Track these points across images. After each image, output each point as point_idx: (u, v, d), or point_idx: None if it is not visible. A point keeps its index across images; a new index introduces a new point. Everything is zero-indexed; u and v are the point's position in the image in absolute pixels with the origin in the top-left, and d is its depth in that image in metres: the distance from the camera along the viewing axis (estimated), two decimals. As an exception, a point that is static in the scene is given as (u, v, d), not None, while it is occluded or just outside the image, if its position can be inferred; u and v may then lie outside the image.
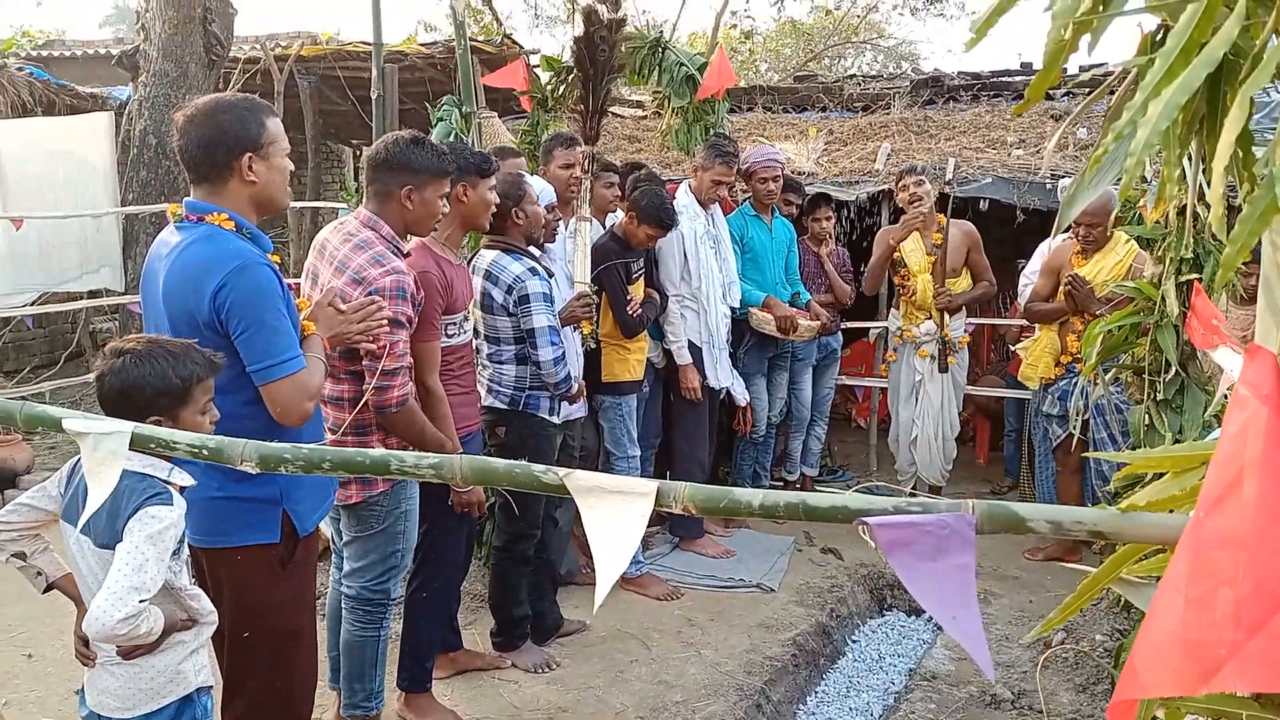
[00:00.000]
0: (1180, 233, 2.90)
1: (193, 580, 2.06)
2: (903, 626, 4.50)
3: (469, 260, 3.65)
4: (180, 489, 1.95)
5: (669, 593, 4.41)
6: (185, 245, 2.22)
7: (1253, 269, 3.21)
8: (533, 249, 3.63)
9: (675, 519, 4.98)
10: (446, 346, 3.17)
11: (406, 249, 2.92)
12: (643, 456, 4.48)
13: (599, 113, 4.02)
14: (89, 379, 2.05)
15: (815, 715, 3.78)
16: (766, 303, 4.92)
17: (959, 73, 8.52)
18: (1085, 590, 0.99)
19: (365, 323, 2.55)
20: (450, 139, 4.54)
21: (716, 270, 4.68)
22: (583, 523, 1.11)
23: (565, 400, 3.71)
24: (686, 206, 4.66)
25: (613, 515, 1.10)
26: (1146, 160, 0.87)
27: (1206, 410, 2.85)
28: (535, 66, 6.44)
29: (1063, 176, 5.84)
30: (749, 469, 5.36)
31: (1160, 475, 1.05)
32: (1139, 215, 3.08)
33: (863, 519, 0.95)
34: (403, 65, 8.32)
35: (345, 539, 2.99)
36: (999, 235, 6.60)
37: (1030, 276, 5.03)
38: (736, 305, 4.84)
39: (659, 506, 1.10)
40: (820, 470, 6.06)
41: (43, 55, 12.14)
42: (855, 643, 4.37)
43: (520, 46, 8.86)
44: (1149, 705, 1.02)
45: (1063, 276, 4.42)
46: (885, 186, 6.35)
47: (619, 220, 4.40)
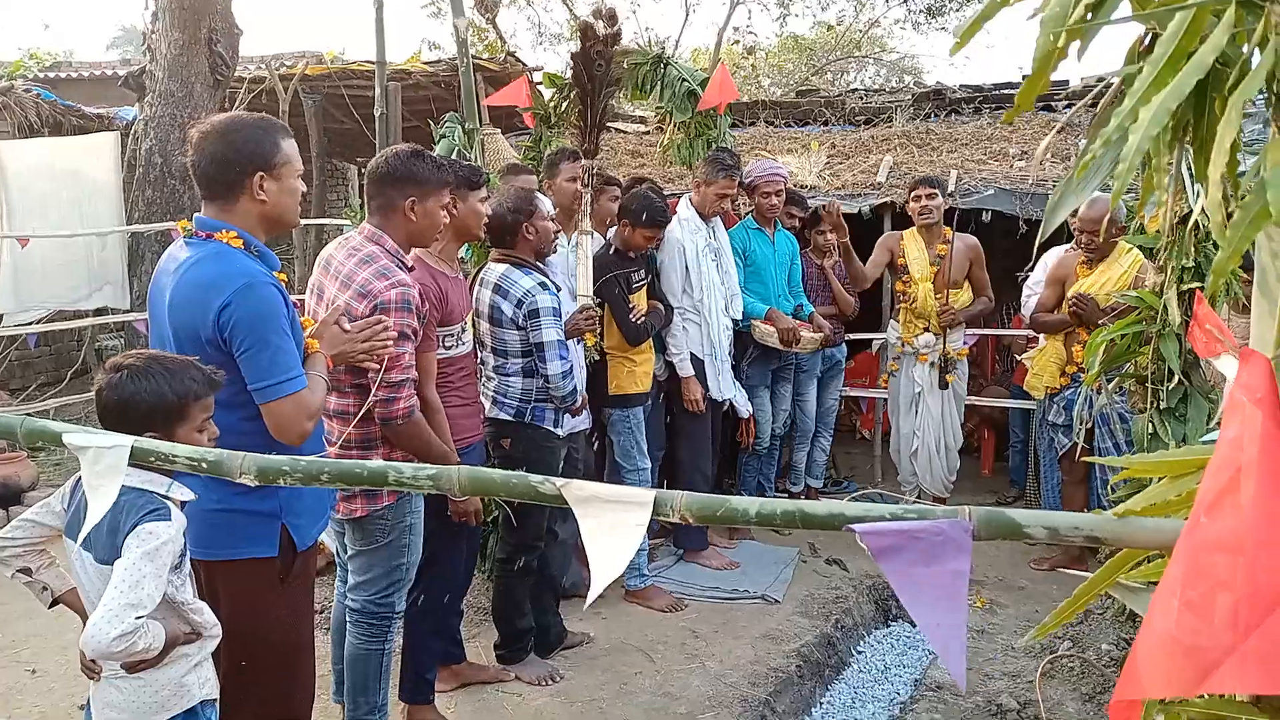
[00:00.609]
0: (1182, 242, 2.90)
1: (195, 593, 2.06)
2: (908, 637, 4.48)
3: (476, 273, 3.68)
4: (181, 504, 1.96)
5: (673, 604, 4.40)
6: (193, 262, 2.23)
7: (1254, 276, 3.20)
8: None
9: (679, 531, 4.97)
10: (445, 358, 3.19)
11: (410, 262, 2.93)
12: (648, 469, 4.49)
13: (597, 126, 4.05)
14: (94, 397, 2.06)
15: (821, 728, 3.77)
16: (769, 315, 4.93)
17: (961, 86, 8.54)
18: (1082, 594, 0.99)
19: (370, 342, 2.56)
20: (453, 155, 4.57)
21: (718, 282, 4.70)
22: (580, 532, 1.11)
23: (569, 413, 3.73)
24: (688, 219, 4.68)
25: (610, 525, 1.11)
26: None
27: (1210, 419, 2.85)
28: (538, 84, 6.47)
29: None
30: (753, 481, 5.35)
31: (1158, 480, 1.05)
32: (1141, 225, 3.08)
33: (852, 526, 0.95)
34: (407, 84, 8.35)
35: (350, 553, 3.00)
36: (1004, 246, 6.61)
37: (1034, 287, 5.03)
38: (739, 317, 4.85)
39: (657, 516, 1.10)
40: (825, 482, 6.05)
41: (50, 77, 12.26)
42: (860, 653, 4.35)
43: (523, 64, 8.90)
44: (1150, 709, 1.02)
45: (1068, 289, 4.43)
46: (888, 199, 6.37)
47: (615, 232, 4.43)
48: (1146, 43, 0.99)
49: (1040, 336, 4.90)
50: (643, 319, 4.29)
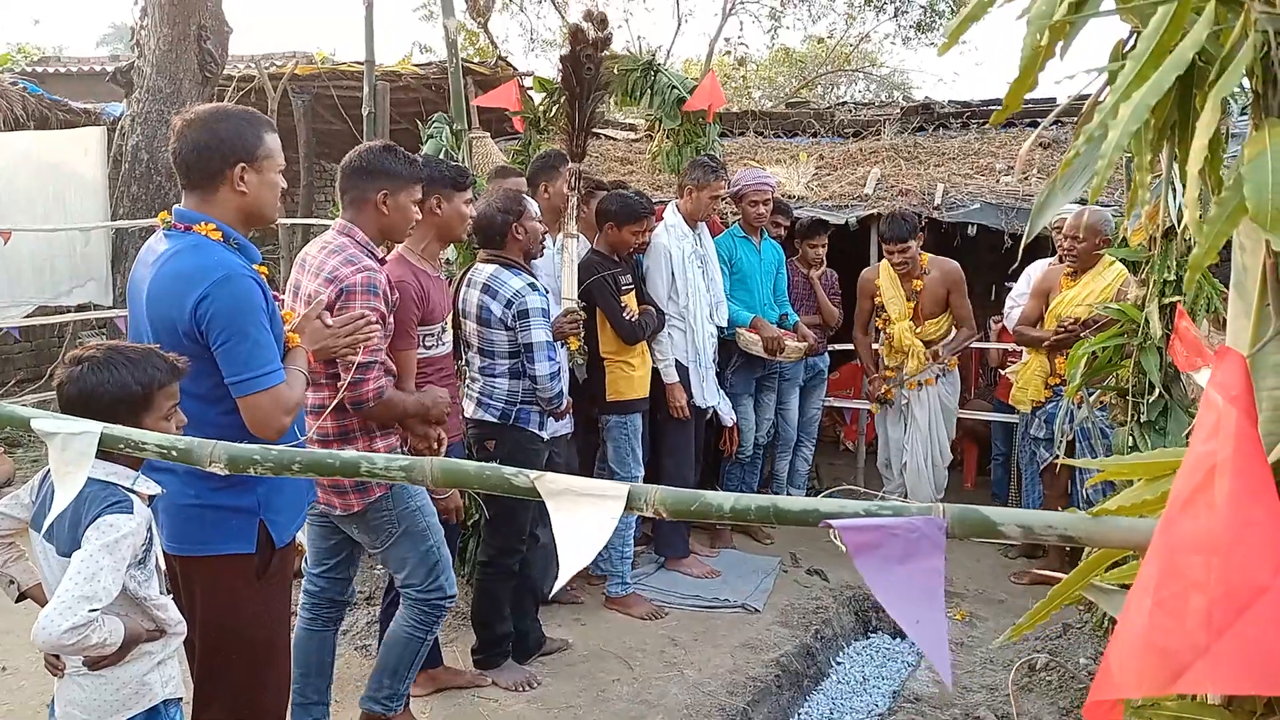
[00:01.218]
0: (1164, 255, 2.91)
1: (165, 590, 2.03)
2: (887, 649, 4.47)
3: (463, 274, 3.67)
4: (148, 498, 1.93)
5: (653, 612, 4.38)
6: (171, 254, 2.21)
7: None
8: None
9: (660, 539, 4.96)
10: (425, 358, 3.18)
11: (381, 254, 2.93)
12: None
13: (585, 131, 4.05)
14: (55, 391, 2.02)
15: (798, 737, 3.75)
16: (754, 323, 4.93)
17: (949, 101, 8.59)
18: (1056, 595, 0.99)
19: (353, 337, 2.54)
20: (441, 156, 4.56)
21: (703, 290, 4.69)
22: (550, 524, 1.10)
23: (553, 416, 3.72)
24: (674, 226, 4.68)
25: (584, 518, 1.09)
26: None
27: (1189, 433, 2.85)
28: (529, 88, 6.47)
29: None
30: (735, 490, 5.33)
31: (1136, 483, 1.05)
32: (1124, 239, 3.10)
33: (828, 521, 0.94)
34: (397, 85, 8.35)
35: (374, 553, 3.00)
36: (990, 261, 6.63)
37: (1017, 299, 5.04)
38: (724, 325, 4.84)
39: (631, 510, 1.09)
40: (808, 492, 6.04)
41: (38, 71, 12.19)
42: (839, 664, 4.34)
43: (514, 69, 8.91)
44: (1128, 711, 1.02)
45: (1051, 300, 4.44)
46: (874, 211, 6.39)
47: (599, 237, 4.42)
48: (1131, 41, 0.98)
49: (1023, 350, 4.91)
50: (636, 318, 4.29)
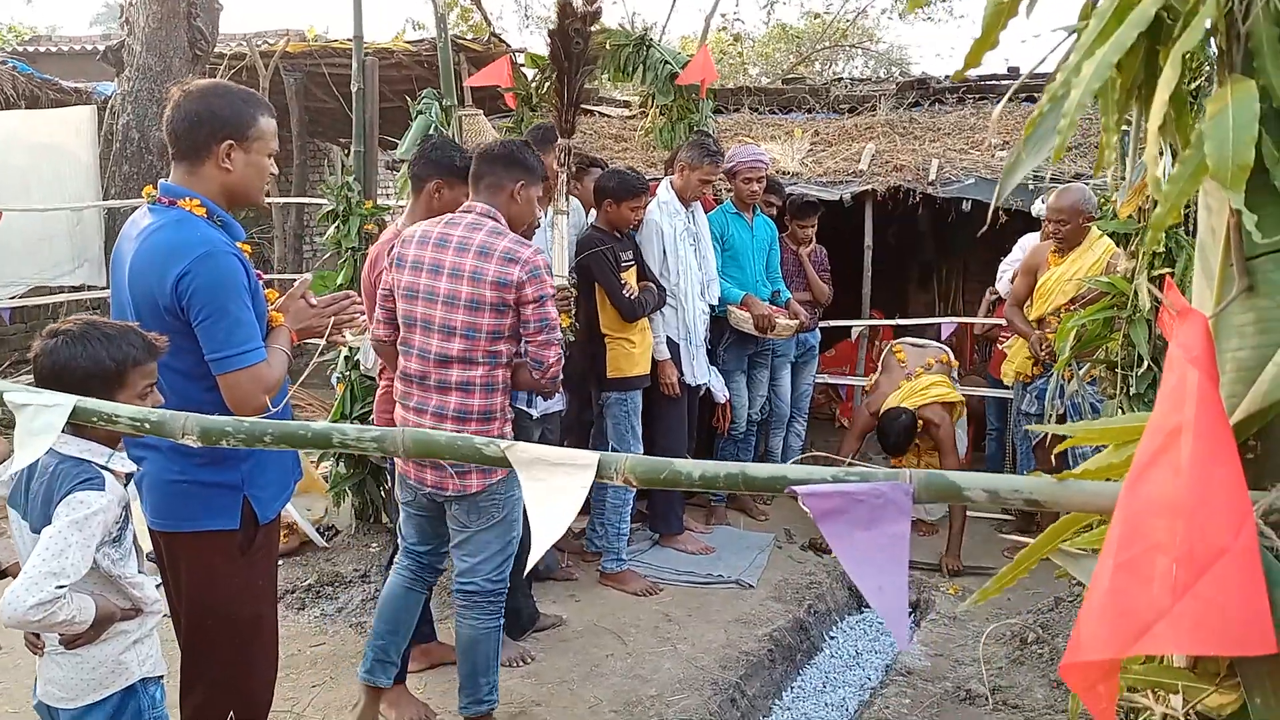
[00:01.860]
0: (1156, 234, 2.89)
1: (145, 569, 2.03)
2: (880, 623, 4.50)
3: None
4: (125, 476, 1.92)
5: (648, 588, 4.39)
6: (154, 229, 2.20)
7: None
8: None
9: (656, 516, 4.97)
10: None
11: None
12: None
13: (574, 106, 4.02)
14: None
15: (791, 710, 3.77)
16: (745, 301, 4.92)
17: (945, 76, 8.55)
18: (1023, 560, 0.99)
19: (337, 316, 2.54)
20: (431, 133, 4.53)
21: (695, 267, 4.68)
22: (523, 494, 1.10)
23: (541, 395, 3.71)
24: (667, 203, 4.65)
25: (555, 488, 1.09)
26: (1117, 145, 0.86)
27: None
28: (521, 64, 6.43)
29: (1042, 178, 5.86)
30: (729, 466, 5.35)
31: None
32: (1113, 212, 3.08)
33: (794, 488, 0.94)
34: (390, 63, 8.30)
35: (461, 535, 2.97)
36: (986, 235, 6.61)
37: (1011, 264, 5.03)
38: (715, 303, 4.83)
39: (601, 478, 1.09)
40: (802, 469, 6.04)
41: (29, 51, 12.11)
42: (832, 639, 4.36)
43: (507, 45, 8.84)
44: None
45: (1040, 278, 4.44)
46: (869, 187, 6.37)
47: (598, 213, 4.40)
48: None
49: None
50: (636, 294, 4.27)
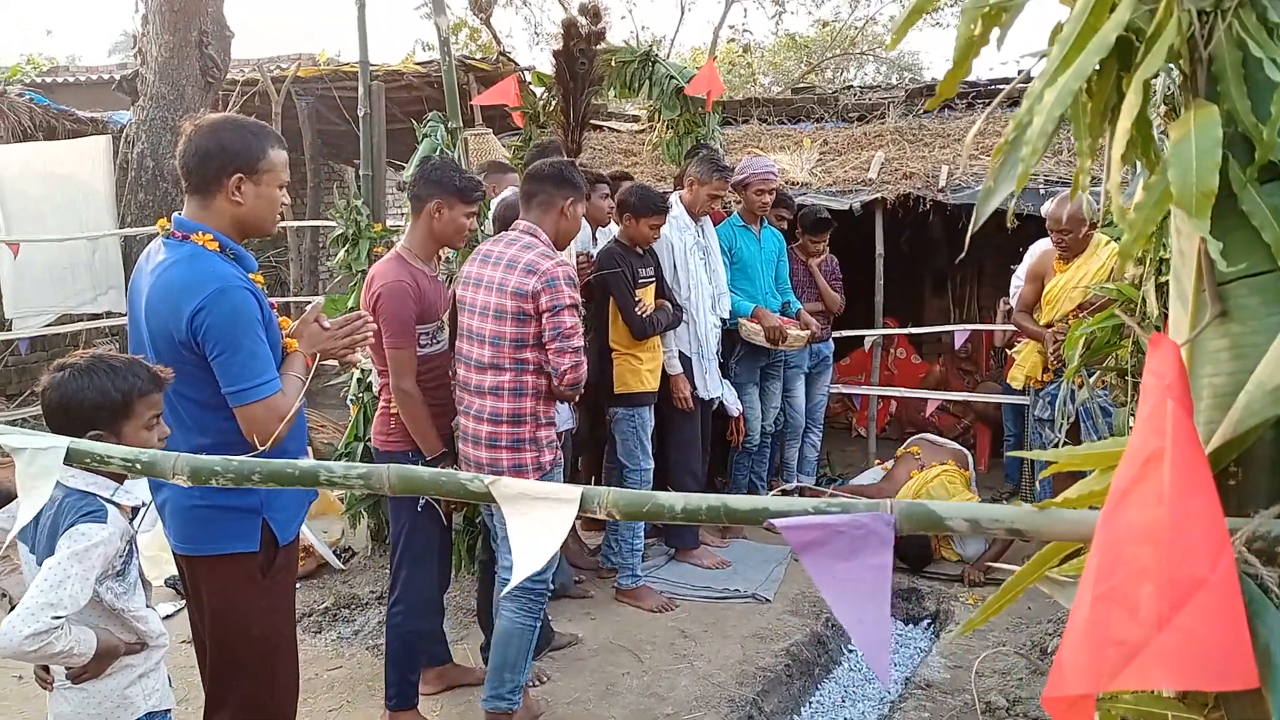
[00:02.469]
0: (1160, 232, 2.86)
1: (152, 603, 2.04)
2: (899, 635, 4.46)
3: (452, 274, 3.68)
4: (131, 511, 1.94)
5: (663, 604, 4.38)
6: (169, 264, 2.25)
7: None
8: None
9: (671, 530, 4.95)
10: (421, 356, 3.22)
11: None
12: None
13: (580, 125, 4.04)
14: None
15: (809, 727, 3.74)
16: (755, 313, 4.90)
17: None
18: (1009, 589, 0.97)
19: (351, 338, 2.56)
20: (436, 155, 4.55)
21: (706, 281, 4.67)
22: (507, 528, 1.10)
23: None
24: (677, 217, 4.65)
25: (538, 521, 1.09)
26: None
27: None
28: (529, 83, 6.46)
29: (1055, 182, 5.82)
30: (744, 479, 5.33)
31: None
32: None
33: (772, 521, 0.93)
34: (400, 84, 8.36)
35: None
36: (997, 242, 6.57)
37: (1022, 277, 4.99)
38: (726, 316, 4.82)
39: (584, 513, 1.08)
40: (819, 479, 6.01)
41: (47, 81, 12.28)
42: (851, 652, 4.32)
43: (516, 64, 8.89)
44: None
45: (1046, 284, 4.40)
46: (878, 195, 6.35)
47: (620, 229, 4.40)
48: (1067, 25, 0.96)
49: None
50: (649, 314, 4.26)
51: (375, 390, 4.32)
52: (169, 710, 2.08)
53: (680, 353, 4.58)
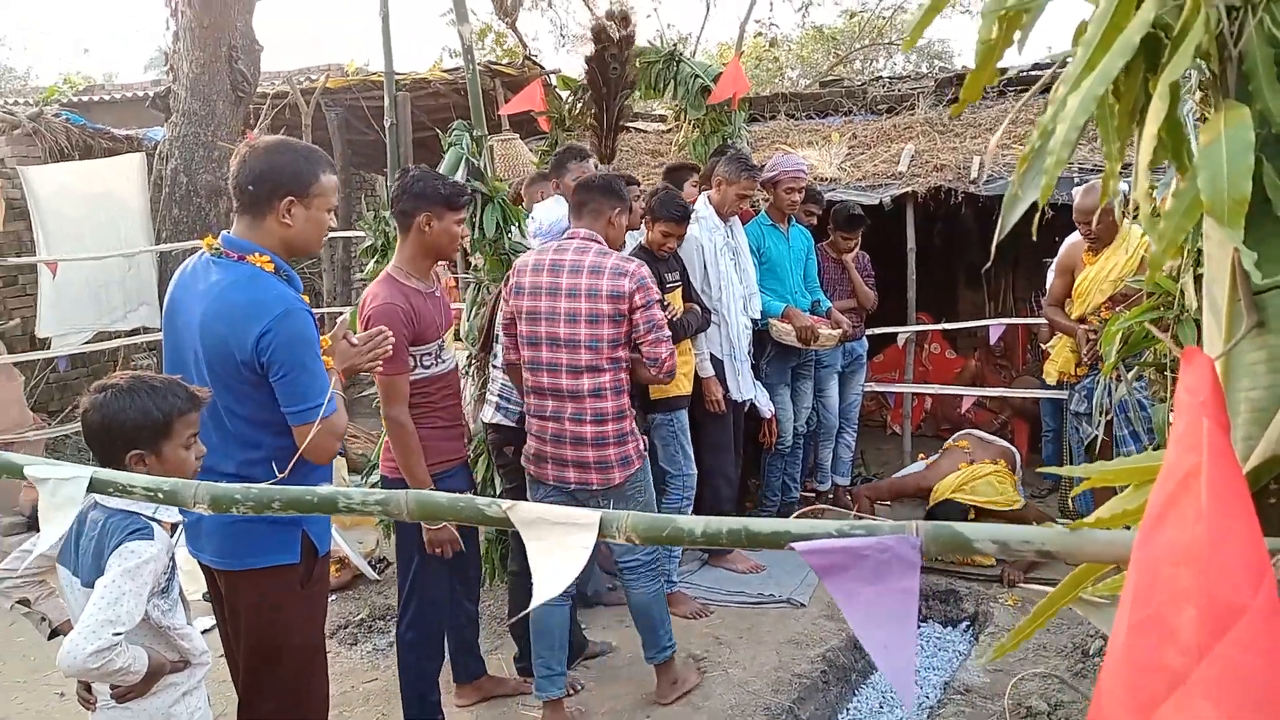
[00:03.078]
0: (1199, 222, 2.79)
1: (193, 621, 2.06)
2: (938, 638, 4.40)
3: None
4: (171, 526, 1.96)
5: (698, 611, 4.35)
6: (228, 284, 2.28)
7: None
8: None
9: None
10: (425, 377, 3.13)
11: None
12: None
13: (614, 130, 4.01)
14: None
15: (847, 732, 3.70)
16: (786, 313, 4.85)
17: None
18: (1041, 612, 0.94)
19: (374, 352, 2.57)
20: (463, 164, 4.55)
21: (736, 282, 4.63)
22: (527, 553, 1.08)
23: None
24: (706, 218, 4.61)
25: (556, 546, 1.07)
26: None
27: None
28: (554, 87, 6.45)
29: (1090, 170, 5.71)
30: (778, 480, 5.28)
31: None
32: (1154, 206, 2.95)
33: (794, 545, 0.90)
34: (427, 92, 8.38)
35: None
36: (1031, 234, 6.46)
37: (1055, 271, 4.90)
38: (757, 317, 4.78)
39: (603, 538, 1.06)
40: (854, 479, 5.94)
41: (83, 100, 12.49)
42: (889, 656, 4.27)
43: (542, 68, 8.89)
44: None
45: (1076, 276, 4.31)
46: (909, 189, 6.26)
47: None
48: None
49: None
50: (677, 316, 4.22)
51: (481, 421, 4.30)
52: None
53: (712, 355, 4.54)
